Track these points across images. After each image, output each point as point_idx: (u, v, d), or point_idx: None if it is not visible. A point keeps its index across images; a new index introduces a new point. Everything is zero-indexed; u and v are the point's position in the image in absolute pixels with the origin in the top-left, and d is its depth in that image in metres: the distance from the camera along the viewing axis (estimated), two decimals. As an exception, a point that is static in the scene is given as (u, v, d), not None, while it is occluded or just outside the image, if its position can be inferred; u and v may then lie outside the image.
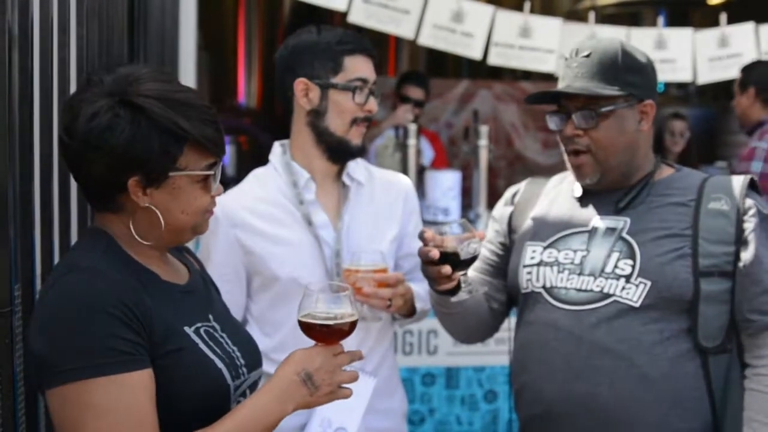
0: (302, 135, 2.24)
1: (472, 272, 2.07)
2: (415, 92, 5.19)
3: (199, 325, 1.53)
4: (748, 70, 4.09)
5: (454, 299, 1.97)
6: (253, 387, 1.60)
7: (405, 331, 3.69)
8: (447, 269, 1.86)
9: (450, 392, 3.77)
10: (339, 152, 2.22)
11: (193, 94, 1.51)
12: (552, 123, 2.03)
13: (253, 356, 1.60)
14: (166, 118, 1.43)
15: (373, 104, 2.20)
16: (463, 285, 1.92)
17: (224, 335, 1.57)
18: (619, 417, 1.88)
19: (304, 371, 1.47)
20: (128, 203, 1.48)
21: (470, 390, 3.78)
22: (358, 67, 2.18)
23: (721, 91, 7.12)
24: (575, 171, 2.03)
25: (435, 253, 1.85)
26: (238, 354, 1.56)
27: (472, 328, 2.21)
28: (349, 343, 2.18)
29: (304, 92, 2.20)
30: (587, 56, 1.98)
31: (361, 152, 2.25)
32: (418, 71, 6.65)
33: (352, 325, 1.54)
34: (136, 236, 1.49)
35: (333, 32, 2.21)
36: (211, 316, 1.58)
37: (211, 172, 1.50)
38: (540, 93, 2.06)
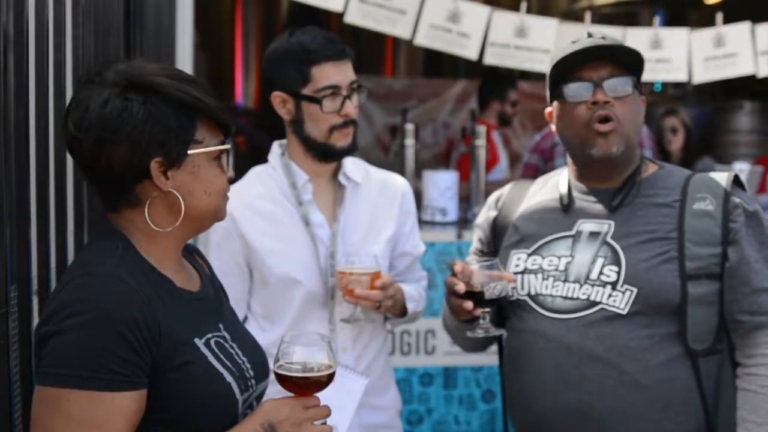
0: (292, 140, 2.29)
1: None
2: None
3: (210, 335, 1.50)
4: None
5: (469, 334, 1.99)
6: (259, 398, 1.58)
7: (403, 331, 3.69)
8: (469, 305, 1.89)
9: (448, 392, 3.77)
10: (326, 155, 2.25)
11: (196, 77, 1.53)
12: (574, 92, 1.92)
13: (262, 367, 1.56)
14: (177, 90, 1.44)
15: (349, 108, 2.19)
16: (481, 321, 1.92)
17: (234, 345, 1.55)
18: (611, 425, 1.86)
19: (268, 422, 1.43)
20: (145, 192, 1.46)
21: (468, 390, 3.78)
22: (326, 75, 2.18)
23: (720, 90, 7.12)
24: (603, 139, 1.91)
25: (461, 287, 1.89)
26: (248, 366, 1.54)
27: (482, 343, 2.23)
28: (342, 343, 2.22)
29: (282, 104, 2.24)
30: (603, 38, 1.95)
31: (349, 152, 2.26)
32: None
33: (329, 378, 1.49)
34: (152, 225, 1.46)
35: (303, 38, 2.20)
36: (221, 325, 1.56)
37: (227, 146, 1.50)
38: (580, 50, 1.90)
